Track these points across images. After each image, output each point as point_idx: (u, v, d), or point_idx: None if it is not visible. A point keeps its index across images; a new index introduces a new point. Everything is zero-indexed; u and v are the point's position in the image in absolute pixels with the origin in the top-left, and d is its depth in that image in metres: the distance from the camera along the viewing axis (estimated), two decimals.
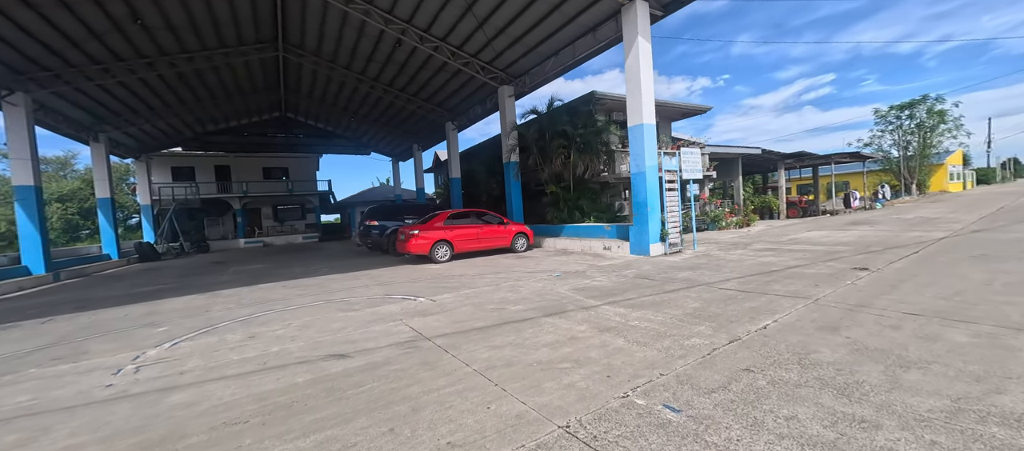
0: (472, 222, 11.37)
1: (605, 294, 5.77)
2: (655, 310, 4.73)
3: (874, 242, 9.14)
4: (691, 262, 8.12)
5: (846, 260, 7.12)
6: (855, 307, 4.28)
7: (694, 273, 6.90)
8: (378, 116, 22.68)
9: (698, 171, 10.28)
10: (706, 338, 3.67)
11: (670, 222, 9.59)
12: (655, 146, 9.48)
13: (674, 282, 6.26)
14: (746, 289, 5.45)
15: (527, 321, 4.65)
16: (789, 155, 22.49)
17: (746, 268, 7.04)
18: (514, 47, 13.13)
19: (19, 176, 12.08)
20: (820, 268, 6.56)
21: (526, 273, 8.18)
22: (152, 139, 21.83)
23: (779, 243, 10.24)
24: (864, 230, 11.85)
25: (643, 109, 9.24)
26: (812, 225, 15.18)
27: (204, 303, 7.19)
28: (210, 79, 17.20)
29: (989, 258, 6.38)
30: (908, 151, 32.18)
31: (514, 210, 14.81)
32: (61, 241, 26.13)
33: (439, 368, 3.41)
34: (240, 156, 27.35)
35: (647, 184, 9.33)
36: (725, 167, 20.48)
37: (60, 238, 26.67)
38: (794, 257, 7.84)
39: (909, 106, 30.77)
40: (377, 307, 5.92)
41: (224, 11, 12.57)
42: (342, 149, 30.48)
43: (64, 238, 26.44)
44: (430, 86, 17.46)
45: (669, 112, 16.60)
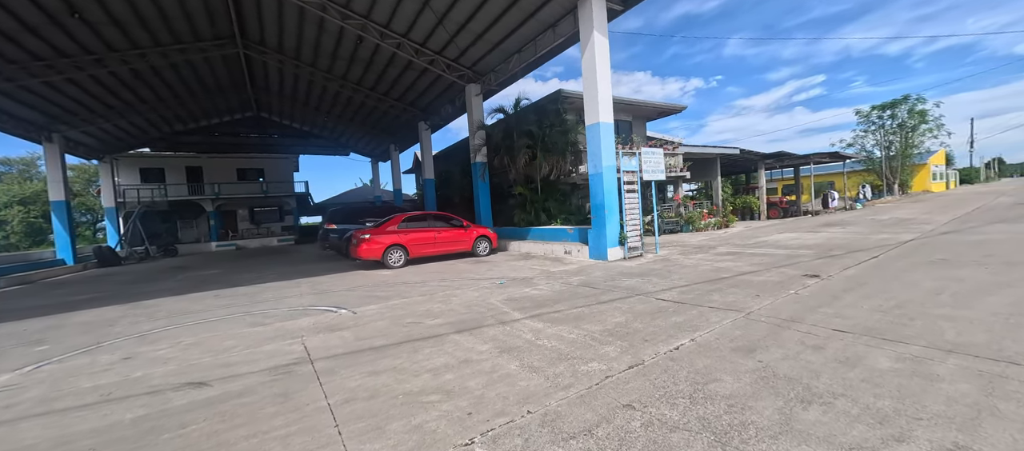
0: (429, 225, 10.89)
1: (536, 305, 5.35)
2: (575, 325, 4.31)
3: (839, 245, 8.82)
4: (645, 268, 7.73)
5: (802, 265, 6.77)
6: (785, 322, 3.89)
7: (641, 281, 6.50)
8: (352, 116, 22.13)
9: (661, 172, 9.91)
10: (607, 362, 3.25)
11: (630, 225, 9.20)
12: (613, 146, 9.08)
13: (615, 291, 5.85)
14: (683, 300, 5.05)
15: (433, 339, 4.21)
16: (769, 155, 22.29)
17: (697, 275, 6.65)
18: (477, 44, 12.68)
19: None
20: (771, 275, 6.19)
21: (472, 280, 7.74)
22: (116, 139, 21.08)
23: (745, 246, 9.89)
24: (835, 232, 11.56)
25: (599, 107, 8.84)
26: (788, 226, 14.91)
27: (116, 316, 6.65)
28: (170, 77, 16.55)
29: (948, 263, 6.05)
30: (890, 151, 32.23)
31: (482, 212, 14.36)
32: (23, 245, 25.21)
33: (293, 402, 2.95)
34: (213, 157, 26.60)
35: (604, 186, 8.93)
36: (703, 167, 20.20)
37: (22, 242, 25.74)
38: (751, 262, 7.48)
39: (891, 106, 30.81)
40: (289, 321, 5.45)
41: (171, 5, 11.98)
42: (320, 149, 29.83)
43: (26, 242, 25.52)
44: (399, 85, 16.97)
45: (643, 112, 16.27)
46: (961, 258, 6.33)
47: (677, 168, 15.14)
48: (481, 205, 14.38)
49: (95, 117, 17.31)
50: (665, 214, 16.06)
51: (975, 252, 6.74)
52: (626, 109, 15.37)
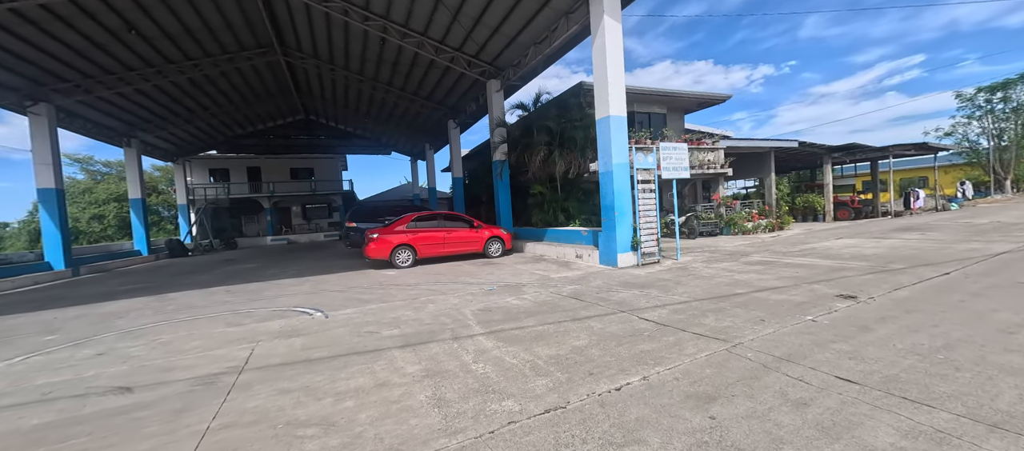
0: (439, 226, 10.72)
1: (506, 318, 4.88)
2: (528, 346, 3.80)
3: (905, 257, 7.34)
4: (653, 277, 6.91)
5: (842, 282, 5.63)
6: (776, 361, 3.10)
7: (638, 294, 5.76)
8: (388, 117, 22.78)
9: (684, 169, 8.88)
10: (526, 401, 2.73)
11: (645, 229, 8.34)
12: (625, 142, 8.26)
13: (600, 306, 5.21)
14: (669, 321, 4.32)
15: (372, 354, 3.92)
16: (837, 148, 19.60)
17: (706, 289, 5.77)
18: (494, 39, 12.29)
19: (42, 179, 13.23)
20: (796, 293, 5.18)
21: (464, 285, 7.40)
22: (187, 143, 23.48)
23: (785, 254, 8.60)
24: (908, 239, 9.75)
25: (610, 98, 8.06)
26: (853, 231, 12.94)
27: (133, 308, 7.17)
28: (223, 85, 18.01)
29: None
30: (1001, 141, 27.07)
31: (501, 212, 14.00)
32: (116, 237, 29.09)
33: (180, 420, 2.79)
34: (269, 158, 28.82)
35: (614, 185, 8.16)
36: (755, 163, 18.20)
37: (116, 234, 29.69)
38: (781, 275, 6.39)
39: (1003, 87, 25.80)
40: (263, 323, 5.46)
41: (215, 17, 12.91)
42: (363, 149, 31.20)
43: (119, 234, 29.44)
44: (425, 84, 17.08)
45: (680, 103, 14.93)
46: None
47: (717, 164, 13.70)
48: (501, 204, 14.02)
49: (166, 123, 19.33)
50: (704, 215, 14.65)
51: None
52: (659, 100, 14.18)
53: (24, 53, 11.50)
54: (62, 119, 14.77)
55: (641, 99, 13.81)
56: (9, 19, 10.18)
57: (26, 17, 10.28)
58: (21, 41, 11.00)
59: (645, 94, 13.65)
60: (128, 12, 11.43)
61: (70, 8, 10.51)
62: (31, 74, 12.41)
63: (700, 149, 13.30)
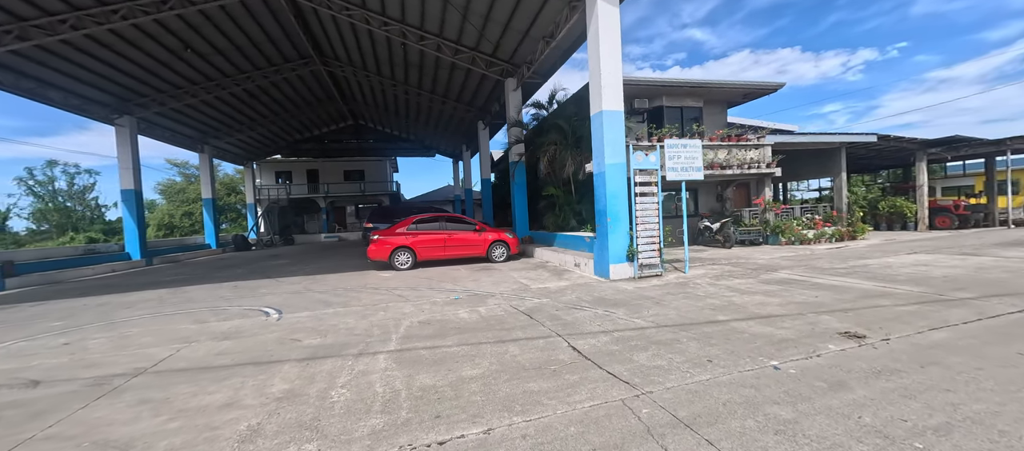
0: (440, 228, 10.55)
1: (436, 334, 4.48)
2: (418, 371, 3.39)
3: (985, 282, 5.69)
4: (636, 295, 6.05)
5: (866, 315, 4.42)
6: (670, 426, 2.35)
7: (601, 314, 5.02)
8: (425, 119, 23.34)
9: (696, 169, 7.73)
10: (333, 447, 2.32)
11: (643, 237, 7.39)
12: (621, 139, 7.38)
13: (545, 326, 4.60)
14: (594, 355, 3.63)
15: (265, 365, 3.77)
16: (935, 142, 16.26)
17: (682, 313, 4.87)
18: (507, 35, 11.87)
19: (125, 182, 15.40)
20: (788, 326, 4.13)
21: (440, 292, 7.10)
22: (253, 148, 26.13)
23: (821, 272, 7.14)
24: (1008, 257, 7.67)
25: (603, 91, 7.26)
26: (938, 244, 10.59)
27: (147, 299, 7.88)
28: (275, 94, 19.66)
29: None
30: None
31: (516, 214, 13.53)
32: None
33: (29, 425, 2.80)
34: (325, 161, 31.10)
35: (607, 187, 7.33)
36: (822, 162, 15.71)
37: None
38: (791, 300, 5.23)
39: None
40: (225, 321, 5.63)
41: (256, 31, 14.04)
42: (409, 152, 32.42)
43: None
44: (452, 86, 17.15)
45: (721, 95, 13.28)
46: None
47: (762, 163, 11.96)
48: (516, 207, 13.56)
49: (231, 130, 21.62)
50: (747, 222, 12.93)
51: None
52: (692, 92, 12.74)
53: (104, 73, 13.40)
54: (144, 129, 17.08)
55: (671, 92, 12.50)
56: (86, 44, 11.88)
57: (100, 42, 11.93)
58: (100, 62, 12.82)
59: (675, 86, 12.32)
60: (182, 33, 12.80)
61: (135, 32, 12.00)
62: (115, 91, 14.47)
63: (739, 146, 11.70)
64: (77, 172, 36.31)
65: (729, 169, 11.52)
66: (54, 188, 35.38)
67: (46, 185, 34.99)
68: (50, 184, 35.21)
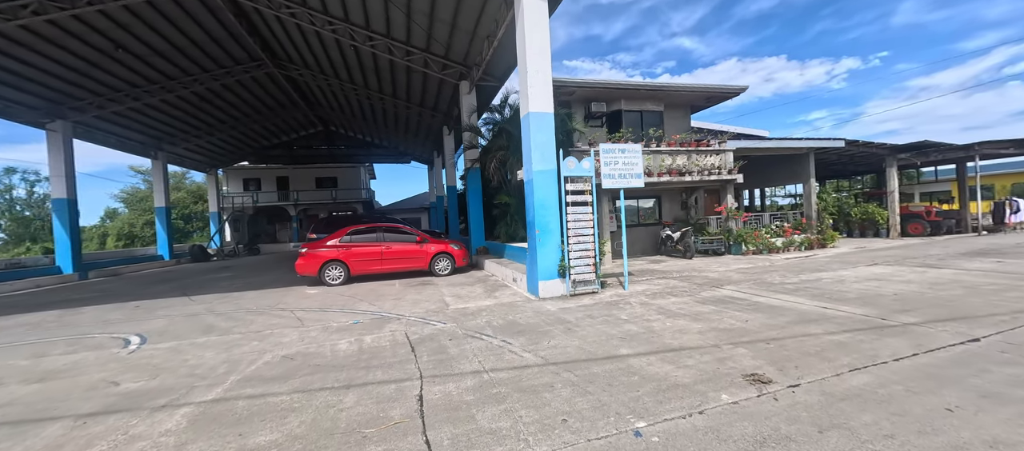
0: (376, 240, 9.80)
1: (279, 377, 3.75)
2: (187, 439, 2.63)
3: (936, 302, 5.10)
4: (552, 318, 5.36)
5: (789, 347, 3.78)
6: None
7: (494, 345, 4.33)
8: (394, 124, 22.63)
9: (637, 176, 7.11)
10: None
11: (576, 250, 6.73)
12: (551, 144, 6.74)
13: (413, 364, 3.88)
14: (431, 411, 2.91)
15: (31, 425, 2.98)
16: (904, 148, 15.98)
17: (586, 344, 4.19)
18: (456, 35, 11.27)
19: (56, 190, 14.40)
20: (693, 364, 3.47)
21: (348, 313, 6.35)
22: (216, 154, 25.12)
23: (769, 288, 6.53)
24: (968, 270, 7.13)
25: (529, 92, 6.63)
26: (904, 254, 10.11)
27: (40, 321, 7.00)
28: (231, 98, 18.77)
29: None
30: None
31: (472, 223, 12.84)
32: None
33: None
34: (296, 168, 30.17)
35: (536, 196, 6.68)
36: (792, 168, 15.28)
37: None
38: (717, 326, 4.58)
39: None
40: (62, 356, 4.80)
41: (195, 31, 13.22)
42: (383, 158, 31.65)
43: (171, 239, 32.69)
44: (412, 90, 16.50)
45: (682, 98, 12.79)
46: None
47: (723, 169, 11.42)
48: (471, 215, 12.88)
49: (187, 136, 20.66)
50: (710, 230, 12.38)
51: None
52: (651, 96, 12.22)
53: (25, 73, 12.42)
54: (84, 134, 16.11)
55: (630, 95, 11.96)
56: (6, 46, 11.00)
57: (13, 39, 11.02)
58: (18, 61, 11.88)
59: (633, 89, 11.80)
60: (111, 31, 11.95)
61: (53, 30, 11.14)
62: (42, 93, 13.52)
63: (698, 151, 11.16)
64: (37, 180, 34.88)
65: (688, 175, 10.96)
66: (11, 197, 33.88)
67: (3, 194, 33.49)
68: (8, 192, 33.72)
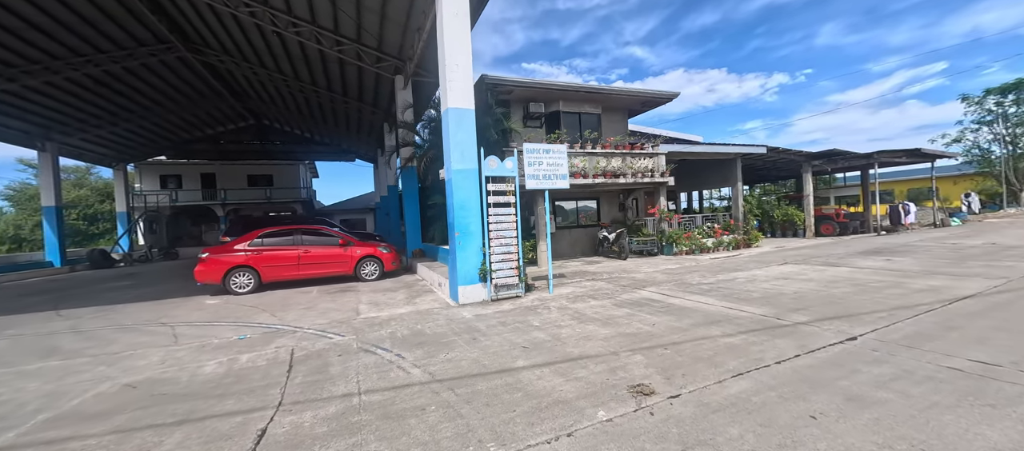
0: (293, 243, 8.98)
1: (100, 416, 3.10)
2: None
3: (827, 300, 5.35)
4: (468, 325, 5.05)
5: (685, 351, 3.71)
6: None
7: (388, 360, 3.92)
8: (333, 120, 21.33)
9: (562, 177, 6.99)
10: None
11: (498, 253, 6.46)
12: (471, 141, 6.44)
13: (275, 390, 3.39)
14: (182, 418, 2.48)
15: None
16: (817, 155, 17.42)
17: (487, 357, 3.91)
18: (387, 26, 10.69)
19: None
20: (585, 375, 3.29)
21: (250, 325, 5.63)
22: (124, 147, 22.36)
23: (688, 287, 6.64)
24: (861, 268, 7.69)
25: (448, 87, 6.28)
26: (811, 254, 10.85)
27: None
28: (136, 83, 16.65)
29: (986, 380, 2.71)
30: (1016, 148, 24.35)
31: (408, 224, 12.26)
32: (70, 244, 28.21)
33: None
34: (225, 164, 27.62)
35: (455, 197, 6.34)
36: (722, 172, 16.13)
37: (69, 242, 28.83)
38: (624, 331, 4.48)
39: (1015, 88, 23.17)
40: None
41: (82, 5, 11.53)
42: (325, 156, 29.88)
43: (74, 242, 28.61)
44: (349, 84, 15.58)
45: (620, 102, 13.02)
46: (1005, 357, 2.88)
47: (656, 172, 11.73)
48: (407, 216, 12.30)
49: (85, 125, 18.15)
50: (645, 232, 12.69)
51: None
52: (590, 99, 12.32)
53: None
54: None
55: (568, 97, 11.97)
56: None
57: None
58: None
59: (571, 90, 11.81)
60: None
61: None
62: None
63: (632, 154, 11.38)
64: None
65: (622, 178, 11.14)
66: None
67: None
68: None
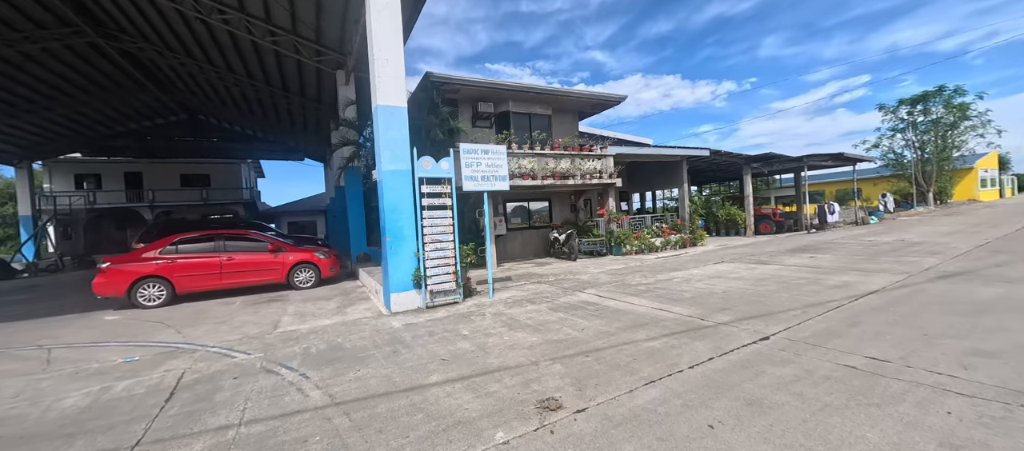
0: (215, 250, 8.20)
1: None
2: None
3: (752, 298, 5.52)
4: (394, 336, 4.74)
5: (614, 355, 3.63)
6: None
7: (287, 382, 3.55)
8: (275, 116, 20.02)
9: (501, 178, 6.83)
10: None
11: (434, 258, 6.18)
12: (404, 140, 6.11)
13: (130, 431, 2.94)
14: None
15: None
16: (755, 158, 18.47)
17: (400, 373, 3.64)
18: (324, 17, 10.07)
19: None
20: (495, 392, 3.12)
21: (148, 345, 4.97)
22: (26, 143, 19.80)
23: (626, 289, 6.68)
24: (788, 265, 8.10)
25: (378, 82, 5.93)
26: (746, 252, 11.39)
27: None
28: (37, 71, 14.70)
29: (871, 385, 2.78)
30: (924, 153, 27.18)
31: (351, 227, 11.64)
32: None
33: None
34: (154, 162, 25.25)
35: (386, 199, 5.99)
36: (669, 174, 16.69)
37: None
38: (551, 339, 4.36)
39: (922, 99, 25.89)
40: None
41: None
42: (270, 154, 28.10)
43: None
44: (288, 78, 14.64)
45: (570, 103, 13.10)
46: (917, 355, 3.01)
47: (604, 174, 11.88)
48: (351, 219, 11.68)
49: None
50: (595, 232, 12.83)
51: (964, 330, 3.36)
52: (540, 100, 12.28)
53: None
54: None
55: (517, 97, 11.86)
56: None
57: None
58: None
59: (520, 91, 11.71)
60: None
61: None
62: None
63: (581, 156, 11.45)
64: None
65: (571, 179, 11.18)
66: None
67: None
68: None
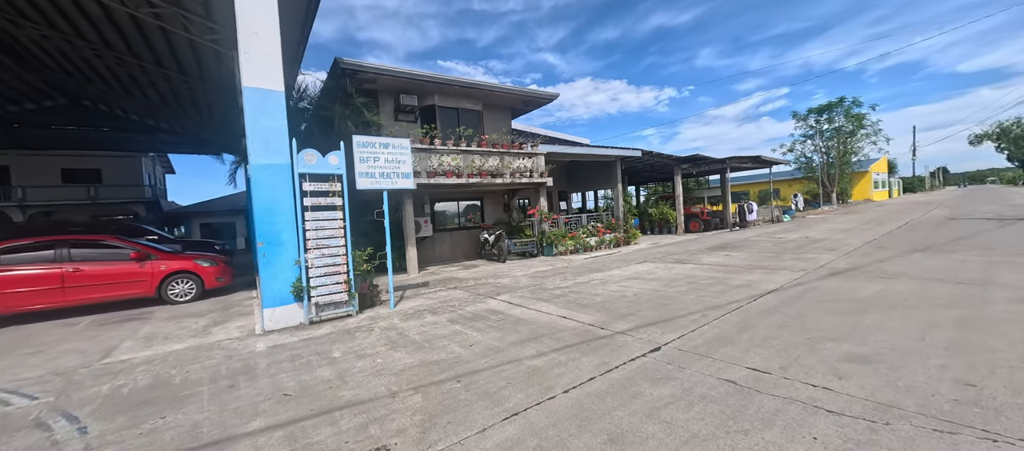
0: (56, 260, 6.73)
1: None
2: None
3: (659, 301, 5.35)
4: (248, 365, 3.95)
5: (491, 378, 3.14)
6: None
7: (63, 437, 2.67)
8: (175, 103, 17.67)
9: (405, 175, 6.18)
10: None
11: (322, 267, 5.40)
12: (281, 130, 5.28)
13: None
14: None
15: None
16: (684, 159, 19.27)
17: (218, 420, 2.89)
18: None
19: None
20: (325, 438, 2.49)
21: None
22: None
23: (540, 293, 6.32)
24: (703, 264, 8.22)
25: (246, 60, 5.07)
26: (670, 250, 11.63)
27: None
28: None
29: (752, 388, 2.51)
30: (829, 157, 30.23)
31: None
32: None
33: None
34: (25, 154, 21.43)
35: (257, 199, 5.14)
36: (603, 174, 16.86)
37: None
38: (430, 360, 3.83)
39: (826, 109, 28.76)
40: None
41: None
42: (178, 148, 24.94)
43: None
44: (183, 60, 12.73)
45: (502, 100, 12.69)
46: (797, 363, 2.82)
47: (535, 173, 11.58)
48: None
49: None
50: (527, 233, 12.51)
51: (844, 331, 3.26)
52: (469, 95, 11.73)
53: None
54: None
55: (444, 91, 11.22)
56: None
57: None
58: None
59: (447, 84, 11.07)
60: None
61: None
62: None
63: (510, 154, 11.06)
64: None
65: (500, 178, 10.75)
66: None
67: None
68: None
